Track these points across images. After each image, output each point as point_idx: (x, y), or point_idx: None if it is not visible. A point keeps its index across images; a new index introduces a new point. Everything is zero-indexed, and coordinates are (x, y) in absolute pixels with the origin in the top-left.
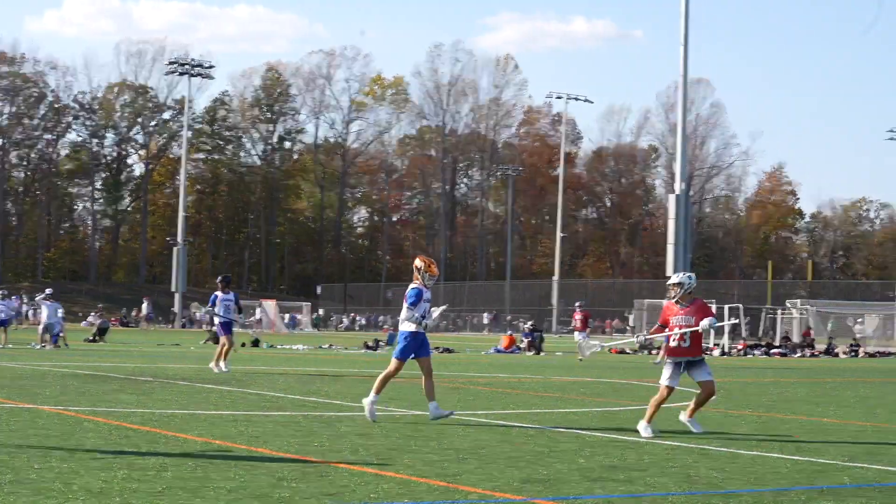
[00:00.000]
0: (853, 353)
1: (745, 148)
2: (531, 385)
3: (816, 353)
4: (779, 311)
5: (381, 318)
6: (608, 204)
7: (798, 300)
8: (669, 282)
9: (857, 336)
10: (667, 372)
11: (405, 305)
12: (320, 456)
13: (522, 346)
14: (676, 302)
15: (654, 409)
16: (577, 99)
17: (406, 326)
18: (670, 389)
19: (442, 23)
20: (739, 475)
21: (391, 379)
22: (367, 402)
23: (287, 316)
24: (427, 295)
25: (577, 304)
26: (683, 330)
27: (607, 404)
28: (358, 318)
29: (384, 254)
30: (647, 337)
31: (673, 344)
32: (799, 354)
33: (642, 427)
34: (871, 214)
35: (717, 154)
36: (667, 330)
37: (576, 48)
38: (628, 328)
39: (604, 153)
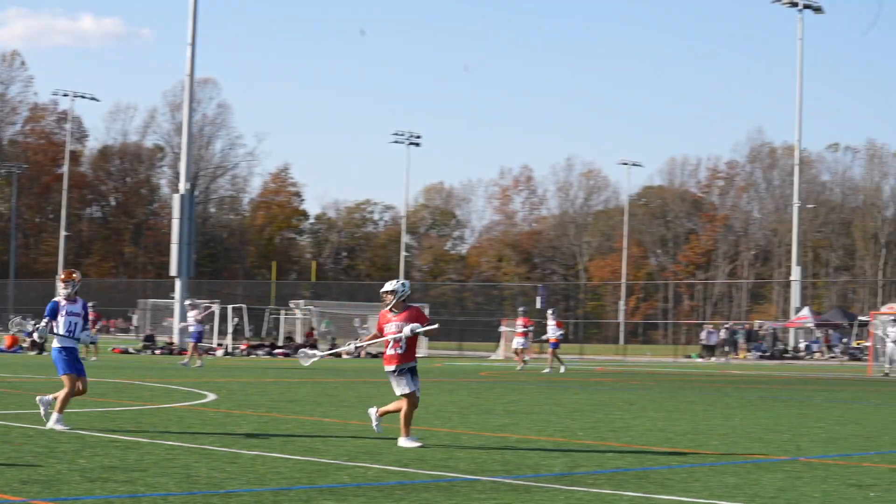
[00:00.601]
0: (357, 355)
1: (251, 149)
2: (34, 385)
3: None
4: (282, 312)
5: None
6: (113, 203)
7: (301, 300)
8: (383, 290)
9: (362, 336)
10: (401, 382)
11: (44, 319)
12: None
13: (25, 345)
14: (390, 310)
15: (408, 420)
16: (83, 97)
17: (57, 342)
18: (414, 393)
19: None
20: (240, 475)
21: (71, 397)
22: (52, 421)
23: None
24: (71, 307)
25: (90, 304)
26: (388, 337)
27: (108, 404)
28: None
29: None
30: (360, 345)
31: (389, 353)
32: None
33: (402, 442)
34: (376, 216)
35: (223, 154)
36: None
37: (84, 46)
38: (132, 328)
39: (109, 152)
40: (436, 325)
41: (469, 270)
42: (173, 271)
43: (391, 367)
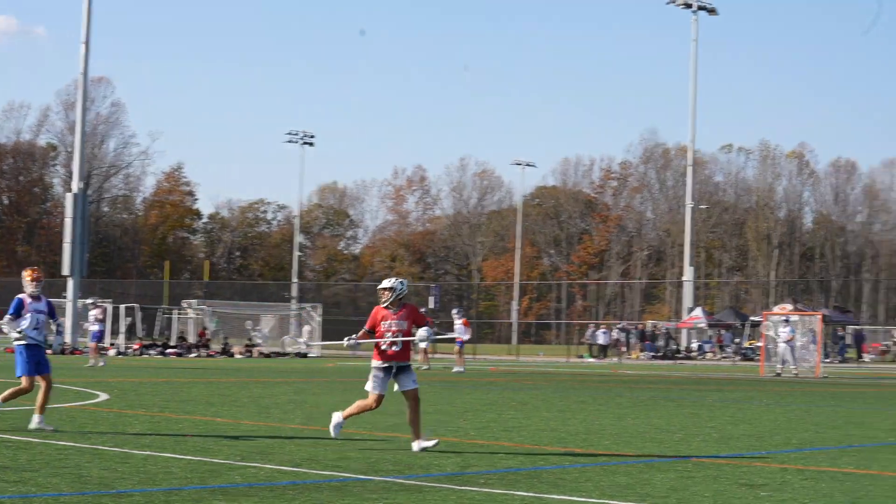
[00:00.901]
0: (248, 354)
1: (145, 147)
2: None
3: (212, 353)
4: (175, 311)
5: None
6: (6, 202)
7: (194, 300)
8: (381, 286)
9: (254, 336)
10: (376, 379)
11: (7, 316)
12: None
13: None
14: (387, 307)
15: (357, 411)
16: None
17: (20, 340)
18: (380, 397)
19: None
20: (131, 475)
21: (24, 394)
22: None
23: None
24: (36, 305)
25: None
26: (402, 339)
27: None
28: None
29: None
30: (358, 341)
31: (384, 348)
32: (195, 354)
33: (335, 418)
34: (269, 216)
35: (117, 153)
36: (374, 335)
37: None
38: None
39: (2, 150)
40: (467, 336)
41: (362, 270)
42: (66, 270)
43: (387, 364)
